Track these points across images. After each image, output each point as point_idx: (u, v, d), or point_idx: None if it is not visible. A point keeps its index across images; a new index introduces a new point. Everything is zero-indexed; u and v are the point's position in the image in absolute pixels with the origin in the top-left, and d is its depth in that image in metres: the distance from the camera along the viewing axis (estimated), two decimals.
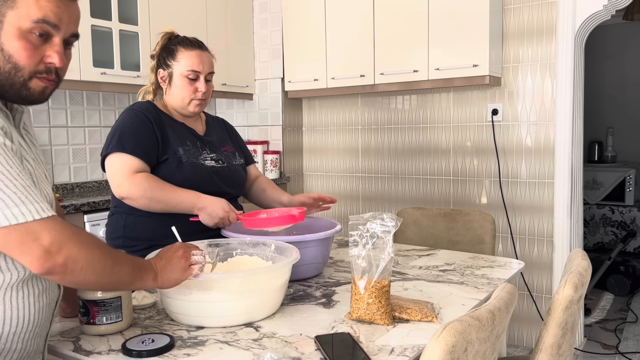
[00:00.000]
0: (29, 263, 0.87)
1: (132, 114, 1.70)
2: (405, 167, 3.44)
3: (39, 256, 0.86)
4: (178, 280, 1.13)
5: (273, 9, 3.62)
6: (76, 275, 0.91)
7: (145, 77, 2.90)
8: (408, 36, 3.03)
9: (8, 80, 0.93)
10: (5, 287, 0.96)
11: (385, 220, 1.21)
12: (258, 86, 3.73)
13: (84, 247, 0.92)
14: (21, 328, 1.00)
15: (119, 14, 2.79)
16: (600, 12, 2.75)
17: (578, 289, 1.24)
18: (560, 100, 2.86)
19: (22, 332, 1.01)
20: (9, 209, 0.85)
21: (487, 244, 2.19)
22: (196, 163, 1.73)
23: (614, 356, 2.95)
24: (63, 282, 0.94)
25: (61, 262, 0.88)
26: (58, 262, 0.88)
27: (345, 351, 1.06)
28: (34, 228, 0.86)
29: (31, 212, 0.87)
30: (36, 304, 1.02)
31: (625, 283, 3.91)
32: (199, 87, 1.75)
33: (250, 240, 1.49)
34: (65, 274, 0.90)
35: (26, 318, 1.00)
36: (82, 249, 0.91)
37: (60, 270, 0.89)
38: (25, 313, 1.00)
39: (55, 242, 0.87)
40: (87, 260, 0.92)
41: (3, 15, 0.90)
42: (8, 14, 0.90)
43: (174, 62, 1.75)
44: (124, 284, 1.04)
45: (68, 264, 0.89)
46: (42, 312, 1.04)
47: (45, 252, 0.87)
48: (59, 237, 0.88)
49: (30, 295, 1.00)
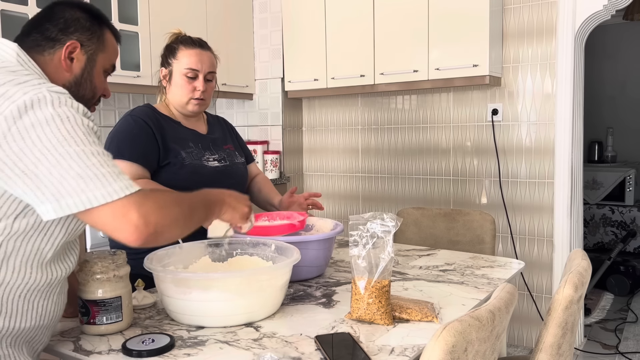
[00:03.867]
0: (124, 238, 0.94)
1: (131, 120, 1.70)
2: (405, 167, 3.44)
3: (131, 231, 0.94)
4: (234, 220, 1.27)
5: (273, 9, 3.62)
6: (166, 236, 1.00)
7: (145, 77, 2.91)
8: (408, 36, 3.03)
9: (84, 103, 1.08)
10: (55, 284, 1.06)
11: (385, 220, 1.21)
12: (258, 86, 3.73)
13: (166, 210, 0.99)
14: (53, 321, 1.10)
15: (119, 13, 2.79)
16: (600, 12, 2.75)
17: (578, 289, 1.24)
18: (560, 100, 2.86)
19: (53, 325, 1.10)
20: (103, 187, 0.92)
21: (487, 244, 2.19)
22: (199, 164, 1.73)
23: (614, 356, 2.95)
24: (157, 244, 1.02)
25: (152, 231, 0.96)
26: (150, 232, 0.95)
27: (346, 351, 1.06)
28: (119, 205, 0.93)
29: (121, 189, 0.94)
30: (64, 298, 1.12)
31: (625, 283, 3.91)
32: (198, 86, 1.75)
33: (251, 240, 1.49)
34: (157, 239, 0.98)
35: (59, 312, 1.10)
36: (165, 213, 0.99)
37: (153, 238, 0.97)
38: (60, 307, 1.10)
39: (142, 216, 0.94)
40: (171, 221, 1.00)
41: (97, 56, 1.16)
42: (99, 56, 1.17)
43: (174, 61, 1.75)
44: (201, 223, 1.15)
45: (158, 230, 0.97)
46: (63, 307, 1.13)
47: (135, 228, 0.94)
48: (146, 210, 0.95)
49: (63, 292, 1.11)
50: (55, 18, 1.11)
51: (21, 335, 1.03)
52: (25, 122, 0.90)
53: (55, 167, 0.90)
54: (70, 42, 1.10)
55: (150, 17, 2.95)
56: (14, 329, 1.01)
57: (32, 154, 0.90)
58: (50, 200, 0.90)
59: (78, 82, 1.13)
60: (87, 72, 1.15)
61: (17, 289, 0.99)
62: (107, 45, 1.18)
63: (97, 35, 1.15)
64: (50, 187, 0.90)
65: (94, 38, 1.15)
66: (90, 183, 0.91)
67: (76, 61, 1.12)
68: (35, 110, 0.91)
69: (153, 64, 2.93)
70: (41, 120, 0.91)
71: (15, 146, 0.89)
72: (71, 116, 0.94)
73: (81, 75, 1.14)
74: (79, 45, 1.12)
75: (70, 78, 1.12)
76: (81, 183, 0.91)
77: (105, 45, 1.17)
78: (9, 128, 0.89)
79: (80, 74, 1.13)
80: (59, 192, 0.90)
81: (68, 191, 0.90)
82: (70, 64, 1.12)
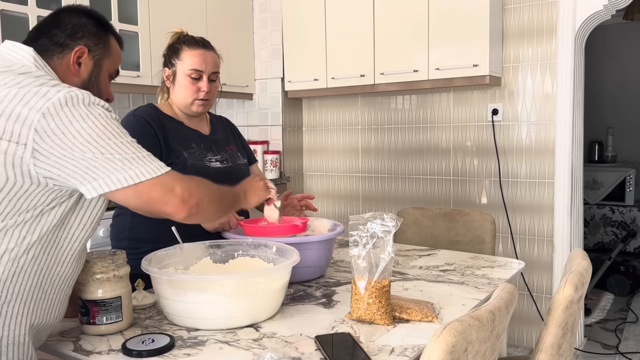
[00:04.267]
0: (172, 210, 1.06)
1: (134, 119, 1.69)
2: (405, 167, 3.44)
3: (177, 204, 1.06)
4: (261, 198, 1.48)
5: (273, 9, 3.62)
6: (207, 211, 1.13)
7: (145, 77, 2.91)
8: (408, 36, 3.03)
9: None
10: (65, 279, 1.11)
11: (385, 220, 1.21)
12: (258, 86, 3.73)
13: (202, 187, 1.14)
14: (57, 320, 1.13)
15: (119, 13, 2.79)
16: (600, 12, 2.75)
17: (578, 289, 1.24)
18: (561, 100, 2.85)
19: (54, 324, 1.13)
20: (147, 165, 1.04)
21: (487, 244, 2.19)
22: (202, 165, 1.73)
23: (614, 356, 2.95)
24: (197, 220, 1.13)
25: (195, 203, 1.08)
26: (193, 204, 1.08)
27: (346, 351, 1.06)
28: (166, 180, 1.06)
29: (161, 167, 1.06)
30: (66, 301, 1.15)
31: (625, 283, 3.91)
32: (202, 87, 1.75)
33: (252, 241, 1.48)
34: (199, 212, 1.10)
35: (62, 312, 1.14)
36: (202, 189, 1.13)
37: (196, 210, 1.08)
38: (63, 308, 1.14)
39: (185, 189, 1.07)
40: (208, 197, 1.13)
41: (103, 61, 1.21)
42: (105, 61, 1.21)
43: (178, 61, 1.74)
44: (231, 206, 1.32)
45: (199, 204, 1.09)
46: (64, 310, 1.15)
47: (181, 200, 1.06)
48: (186, 185, 1.08)
49: (68, 294, 1.14)
50: (63, 24, 1.15)
51: (34, 327, 1.06)
52: (63, 119, 0.97)
53: (102, 153, 0.99)
54: (78, 47, 1.14)
55: (150, 17, 2.95)
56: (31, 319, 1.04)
57: (75, 146, 0.97)
58: (102, 176, 0.99)
59: (85, 87, 1.17)
60: (94, 77, 1.19)
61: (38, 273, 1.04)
62: (112, 51, 1.22)
63: (103, 40, 1.20)
64: (100, 168, 0.99)
65: (100, 43, 1.19)
66: (134, 163, 1.02)
67: (84, 66, 1.16)
68: (69, 107, 0.98)
69: (153, 64, 2.93)
70: (76, 116, 0.98)
71: (58, 139, 0.96)
72: (102, 113, 1.03)
73: (89, 79, 1.18)
74: (87, 51, 1.16)
75: (78, 82, 1.16)
76: (127, 163, 1.01)
77: (110, 50, 1.22)
78: (48, 124, 0.96)
79: (87, 78, 1.18)
80: (108, 170, 0.99)
81: (116, 169, 1.00)
82: (79, 68, 1.16)
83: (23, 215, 0.98)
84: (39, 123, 0.95)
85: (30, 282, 1.02)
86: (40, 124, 0.95)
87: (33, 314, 1.04)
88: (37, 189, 0.98)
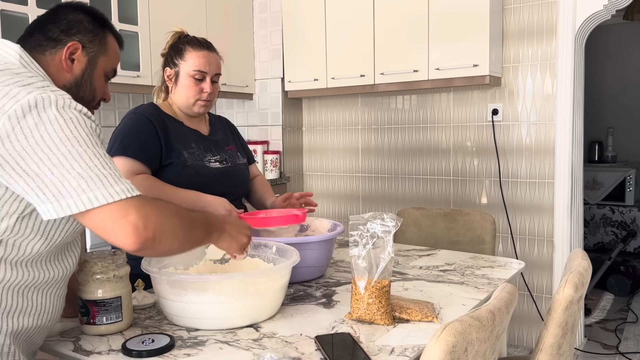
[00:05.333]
0: (121, 241, 0.93)
1: (135, 117, 1.70)
2: (405, 167, 3.44)
3: (128, 234, 0.93)
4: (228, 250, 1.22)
5: (273, 9, 3.62)
6: (164, 245, 0.99)
7: (145, 77, 2.91)
8: (408, 36, 3.03)
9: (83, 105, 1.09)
10: (52, 282, 1.07)
11: (385, 220, 1.21)
12: (258, 86, 3.73)
13: (167, 218, 0.99)
14: (51, 322, 1.10)
15: (119, 13, 2.79)
16: (600, 12, 2.75)
17: (578, 289, 1.24)
18: (561, 100, 2.85)
19: (49, 326, 1.10)
20: (104, 189, 0.92)
21: (487, 244, 2.19)
22: (201, 165, 1.73)
23: (614, 356, 2.95)
24: (153, 254, 1.02)
25: (150, 236, 0.95)
26: (148, 237, 0.94)
27: (346, 351, 1.06)
28: (121, 206, 0.93)
29: (124, 190, 0.94)
30: (62, 301, 1.12)
31: (625, 283, 3.91)
32: (205, 88, 1.75)
33: (252, 241, 1.48)
34: (154, 247, 0.97)
35: (57, 313, 1.11)
36: (166, 220, 0.99)
37: (151, 244, 0.95)
38: (57, 309, 1.11)
39: (142, 218, 0.93)
40: (171, 230, 0.99)
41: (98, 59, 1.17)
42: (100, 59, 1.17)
43: (181, 62, 1.74)
44: (198, 243, 1.12)
45: (156, 236, 0.96)
46: (61, 309, 1.13)
47: (133, 230, 0.93)
48: (146, 213, 0.95)
49: (61, 294, 1.11)
50: (59, 19, 1.12)
51: (21, 334, 1.03)
52: (29, 122, 0.90)
53: (57, 167, 0.90)
54: (71, 42, 1.11)
55: (150, 17, 2.95)
56: (15, 326, 1.01)
57: (34, 154, 0.90)
58: (51, 200, 0.90)
59: (78, 84, 1.14)
60: (88, 74, 1.15)
61: (14, 285, 1.00)
62: (108, 49, 1.19)
63: (99, 38, 1.16)
64: (51, 187, 0.90)
65: (96, 40, 1.15)
66: (91, 183, 0.91)
67: (77, 62, 1.13)
68: (39, 110, 0.91)
69: (153, 64, 2.93)
70: (44, 120, 0.91)
71: (19, 145, 0.90)
72: (74, 117, 0.94)
73: (81, 76, 1.14)
74: (81, 47, 1.13)
75: (71, 79, 1.12)
76: (82, 183, 0.91)
77: (107, 48, 1.18)
78: (12, 127, 0.90)
79: (80, 75, 1.14)
80: (59, 192, 0.90)
81: (69, 191, 0.90)
82: (71, 64, 1.12)
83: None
84: (3, 127, 0.89)
85: (6, 292, 0.98)
86: (5, 127, 0.89)
87: (16, 322, 1.01)
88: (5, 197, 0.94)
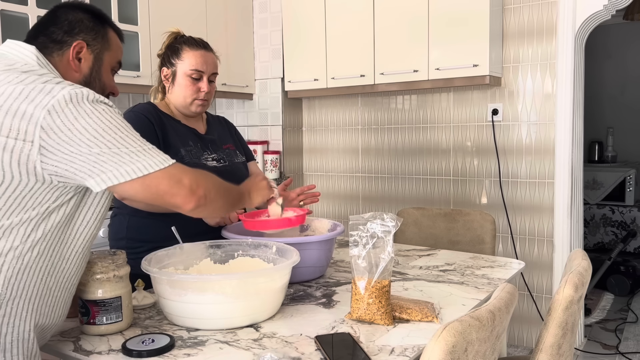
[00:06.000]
0: (181, 201, 1.07)
1: (133, 115, 1.70)
2: (405, 167, 3.44)
3: (185, 195, 1.07)
4: (264, 197, 1.47)
5: (273, 9, 3.62)
6: (214, 203, 1.14)
7: (145, 77, 2.91)
8: (408, 36, 3.03)
9: None
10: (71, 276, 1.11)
11: (385, 220, 1.21)
12: (258, 86, 3.73)
13: (209, 179, 1.15)
14: (60, 321, 1.13)
15: (119, 13, 2.79)
16: (600, 12, 2.75)
17: (578, 289, 1.24)
18: (561, 100, 2.85)
19: (58, 324, 1.13)
20: (153, 158, 1.04)
21: (487, 244, 2.19)
22: (198, 163, 1.73)
23: (614, 356, 2.95)
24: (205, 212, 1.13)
25: (202, 194, 1.09)
26: (201, 195, 1.09)
27: (346, 351, 1.06)
28: (173, 172, 1.06)
29: (167, 159, 1.06)
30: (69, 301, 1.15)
31: (625, 283, 3.91)
32: (202, 87, 1.75)
33: (252, 241, 1.48)
34: (207, 204, 1.11)
35: (64, 313, 1.14)
36: (209, 181, 1.14)
37: (204, 201, 1.10)
38: (66, 308, 1.14)
39: (193, 181, 1.08)
40: (216, 189, 1.14)
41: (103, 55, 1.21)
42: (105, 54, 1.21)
43: (178, 61, 1.75)
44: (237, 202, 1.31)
45: (207, 195, 1.10)
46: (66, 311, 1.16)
47: (190, 191, 1.07)
48: (193, 176, 1.09)
49: (72, 294, 1.14)
50: (60, 21, 1.15)
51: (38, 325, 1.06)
52: (68, 115, 0.97)
53: (109, 148, 1.00)
54: (76, 42, 1.15)
55: (150, 17, 2.95)
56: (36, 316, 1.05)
57: (82, 142, 0.98)
58: (110, 169, 0.99)
59: (87, 81, 1.17)
60: (96, 71, 1.19)
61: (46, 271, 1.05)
62: (111, 43, 1.22)
63: (101, 34, 1.19)
64: (107, 161, 0.99)
65: (99, 37, 1.19)
66: (141, 155, 1.03)
67: (84, 61, 1.17)
68: (74, 104, 0.99)
69: (153, 64, 2.93)
70: (82, 113, 0.99)
71: (64, 136, 0.97)
72: (107, 108, 1.03)
73: (90, 74, 1.18)
74: (85, 45, 1.16)
75: (80, 78, 1.17)
76: (133, 156, 1.02)
77: (109, 43, 1.22)
78: (53, 120, 0.96)
79: (89, 73, 1.18)
80: (116, 163, 1.00)
81: (124, 162, 1.00)
82: (79, 64, 1.16)
83: (28, 212, 0.99)
84: (44, 120, 0.96)
85: (36, 279, 1.02)
86: (46, 121, 0.96)
87: (38, 312, 1.05)
88: (42, 187, 0.99)
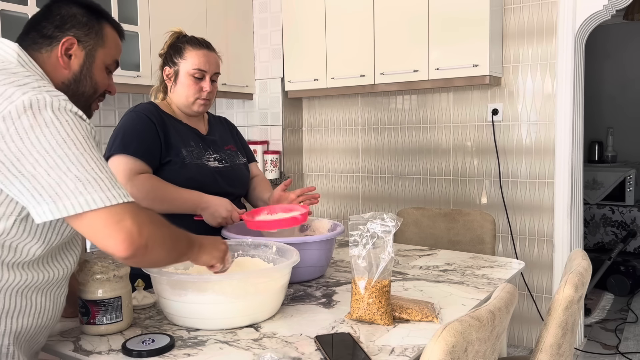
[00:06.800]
0: (114, 246, 0.92)
1: (135, 115, 1.70)
2: (405, 167, 3.44)
3: (123, 239, 0.92)
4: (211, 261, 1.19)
5: (273, 9, 3.62)
6: (154, 254, 0.98)
7: (145, 77, 2.91)
8: (408, 36, 3.03)
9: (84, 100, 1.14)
10: (53, 282, 1.06)
11: (385, 220, 1.21)
12: (258, 86, 3.73)
13: (158, 227, 0.99)
14: (52, 321, 1.10)
15: (119, 13, 2.79)
16: (600, 12, 2.75)
17: (578, 289, 1.24)
18: (561, 100, 2.85)
19: (51, 325, 1.10)
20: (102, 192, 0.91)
21: (487, 244, 2.19)
22: (200, 164, 1.73)
23: (614, 356, 2.95)
24: (142, 263, 1.00)
25: (143, 243, 0.94)
26: (141, 244, 0.94)
27: (346, 351, 1.06)
28: (117, 210, 0.92)
29: (119, 196, 0.93)
30: (63, 300, 1.12)
31: (625, 283, 3.91)
32: (204, 87, 1.75)
33: (252, 241, 1.48)
34: (145, 254, 0.96)
35: (57, 312, 1.10)
36: (157, 229, 0.99)
37: (142, 251, 0.94)
38: (58, 307, 1.10)
39: (137, 225, 0.93)
40: (161, 240, 0.99)
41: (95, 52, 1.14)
42: (98, 51, 1.15)
43: (181, 60, 1.75)
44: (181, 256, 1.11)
45: (148, 244, 0.95)
46: (62, 308, 1.13)
47: (128, 236, 0.92)
48: (140, 220, 0.94)
49: (62, 293, 1.10)
50: (52, 15, 1.10)
51: (22, 334, 1.03)
52: (24, 123, 0.89)
53: (54, 169, 0.89)
54: (66, 38, 1.09)
55: (150, 17, 2.95)
56: (15, 327, 1.01)
57: (30, 155, 0.89)
58: (48, 201, 0.89)
59: (77, 79, 1.12)
60: (87, 69, 1.12)
61: (14, 287, 0.99)
62: (106, 40, 1.15)
63: (95, 30, 1.13)
64: (48, 189, 0.89)
65: (92, 33, 1.12)
66: (88, 186, 0.90)
67: (74, 58, 1.11)
68: (34, 111, 0.90)
69: (153, 64, 2.93)
70: (40, 122, 0.90)
71: (14, 146, 0.88)
72: (70, 120, 0.93)
73: (80, 71, 1.12)
74: (76, 42, 1.10)
75: (69, 75, 1.10)
76: (79, 186, 0.90)
77: (104, 40, 1.15)
78: (7, 129, 0.88)
79: (79, 70, 1.12)
80: (56, 194, 0.89)
81: (66, 193, 0.89)
82: (68, 60, 1.10)
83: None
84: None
85: (5, 294, 0.97)
86: (0, 128, 0.88)
87: (16, 322, 1.00)
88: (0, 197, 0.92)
